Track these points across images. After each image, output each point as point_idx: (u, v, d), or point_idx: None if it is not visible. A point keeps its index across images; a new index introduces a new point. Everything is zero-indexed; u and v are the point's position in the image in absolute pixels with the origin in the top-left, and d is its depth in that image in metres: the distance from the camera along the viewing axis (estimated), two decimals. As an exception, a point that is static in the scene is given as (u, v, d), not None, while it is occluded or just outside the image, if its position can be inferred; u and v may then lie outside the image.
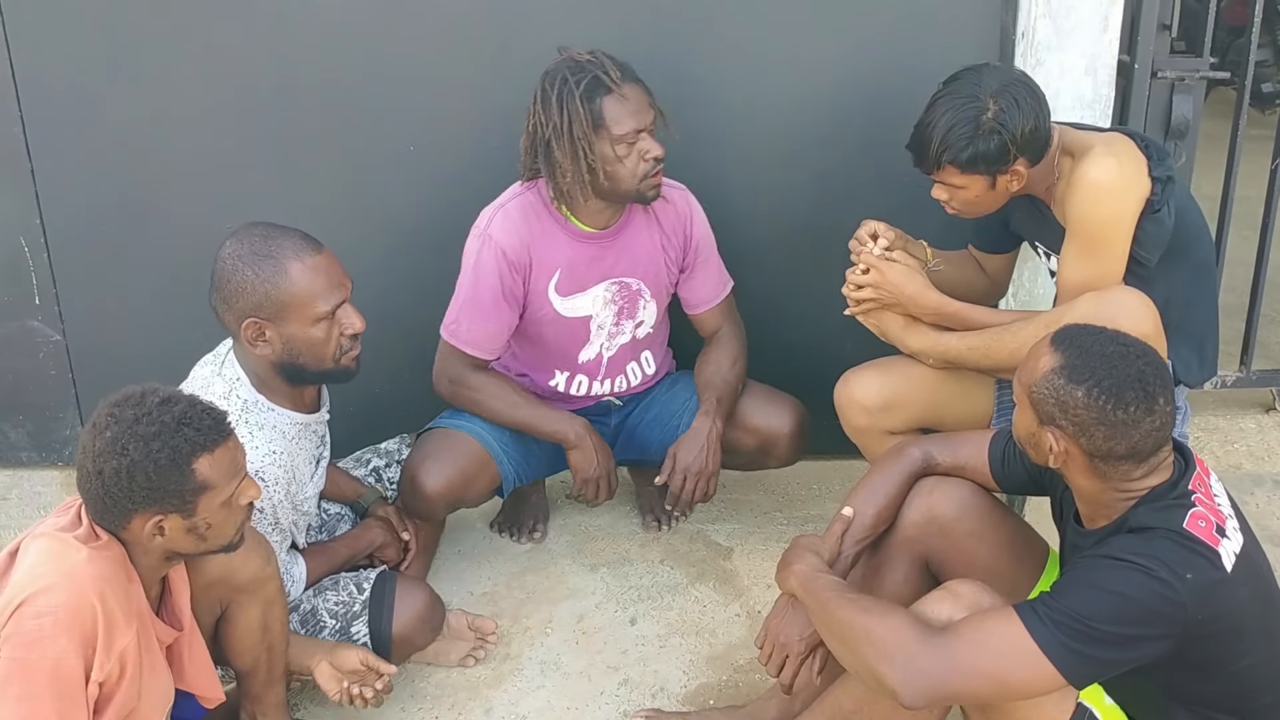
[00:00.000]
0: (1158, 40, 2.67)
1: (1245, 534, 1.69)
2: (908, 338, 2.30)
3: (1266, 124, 3.49)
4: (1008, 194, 2.19)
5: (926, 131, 2.14)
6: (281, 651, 2.11)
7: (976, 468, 2.05)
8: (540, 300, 2.52)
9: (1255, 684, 1.69)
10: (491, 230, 2.46)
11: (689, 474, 2.53)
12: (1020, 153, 2.11)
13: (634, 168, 2.37)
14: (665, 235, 2.58)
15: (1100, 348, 1.67)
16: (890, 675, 1.65)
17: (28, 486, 3.06)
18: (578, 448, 2.53)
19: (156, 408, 1.71)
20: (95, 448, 1.70)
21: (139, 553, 1.78)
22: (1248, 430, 3.13)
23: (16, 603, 1.65)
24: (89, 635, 1.66)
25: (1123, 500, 1.70)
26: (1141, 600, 1.58)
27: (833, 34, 2.71)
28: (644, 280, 2.58)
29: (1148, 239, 2.14)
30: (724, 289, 2.70)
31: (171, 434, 1.70)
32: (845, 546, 2.03)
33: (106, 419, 1.71)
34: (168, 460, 1.70)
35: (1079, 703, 1.72)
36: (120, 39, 2.69)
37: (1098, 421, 1.64)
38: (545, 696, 2.36)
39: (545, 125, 2.34)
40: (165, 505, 1.72)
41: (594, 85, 2.32)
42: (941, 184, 2.19)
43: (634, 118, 2.34)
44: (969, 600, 1.77)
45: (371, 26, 2.69)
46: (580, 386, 2.66)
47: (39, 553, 1.72)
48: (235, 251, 2.07)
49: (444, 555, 2.79)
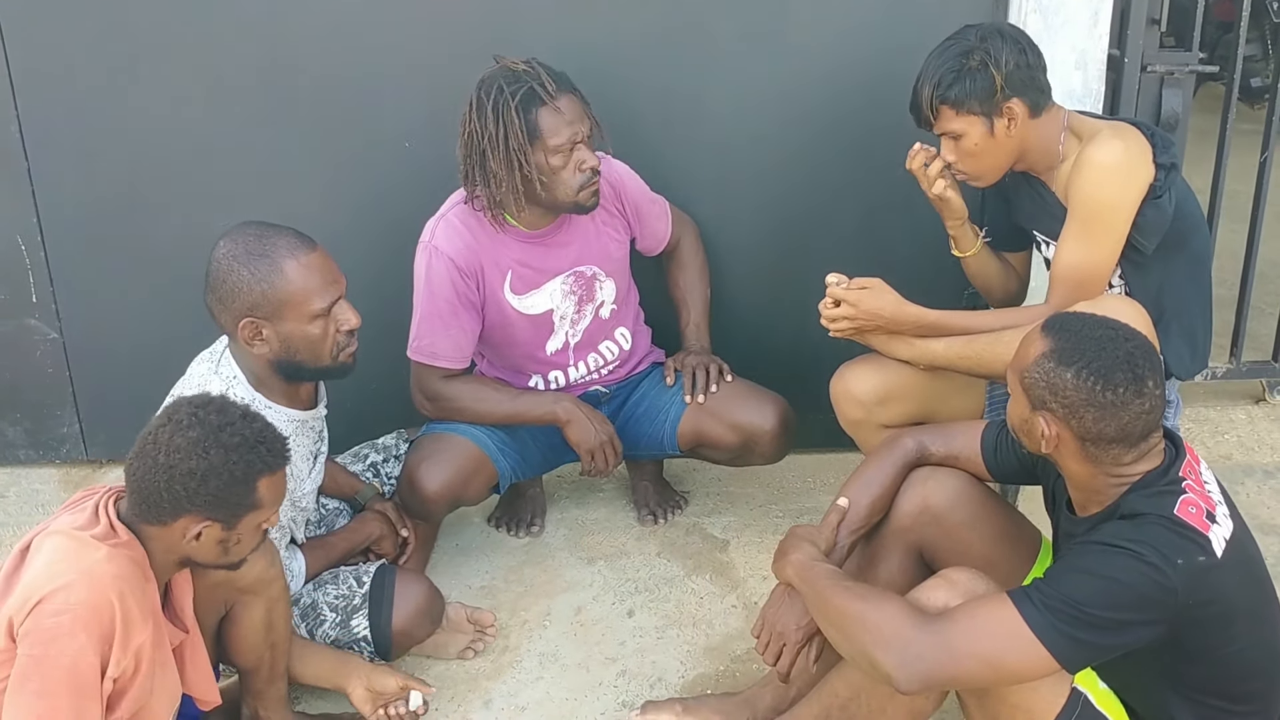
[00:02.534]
0: (1147, 35, 2.69)
1: (1235, 520, 1.71)
2: (893, 350, 2.32)
3: (1255, 118, 3.50)
4: (1011, 149, 2.19)
5: (919, 82, 2.19)
6: (284, 649, 2.12)
7: (969, 458, 2.07)
8: (498, 303, 2.53)
9: (1245, 668, 1.71)
10: (436, 241, 2.47)
11: (698, 366, 2.63)
12: (1010, 89, 2.13)
13: (570, 178, 2.39)
14: (606, 214, 2.60)
15: (1089, 331, 1.69)
16: (886, 661, 1.67)
17: (25, 484, 3.07)
18: (570, 421, 2.54)
19: (240, 420, 1.75)
20: (174, 443, 1.72)
21: (159, 550, 1.80)
22: (1238, 421, 3.15)
23: (35, 600, 1.66)
24: (106, 632, 1.68)
25: (1114, 486, 1.72)
26: (1133, 585, 1.60)
27: (821, 32, 2.72)
28: (596, 264, 2.60)
29: (1147, 225, 2.15)
30: (667, 215, 2.73)
31: (250, 449, 1.74)
32: (841, 536, 2.05)
33: (190, 418, 1.73)
34: (241, 473, 1.73)
35: (1074, 687, 1.74)
36: (116, 37, 2.70)
37: (1087, 403, 1.66)
38: (544, 688, 2.38)
39: (481, 135, 2.35)
40: (217, 513, 1.75)
41: (529, 97, 2.33)
42: (945, 136, 2.21)
43: (570, 129, 2.35)
44: (964, 587, 1.79)
45: (367, 24, 2.70)
46: (557, 381, 2.68)
47: (55, 550, 1.73)
48: (230, 251, 2.07)
49: (442, 549, 2.80)
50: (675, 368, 2.69)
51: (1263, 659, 1.73)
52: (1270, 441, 3.08)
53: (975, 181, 2.28)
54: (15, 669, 1.66)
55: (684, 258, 2.78)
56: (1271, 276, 3.22)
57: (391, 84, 2.74)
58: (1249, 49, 4.37)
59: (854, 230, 2.87)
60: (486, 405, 2.55)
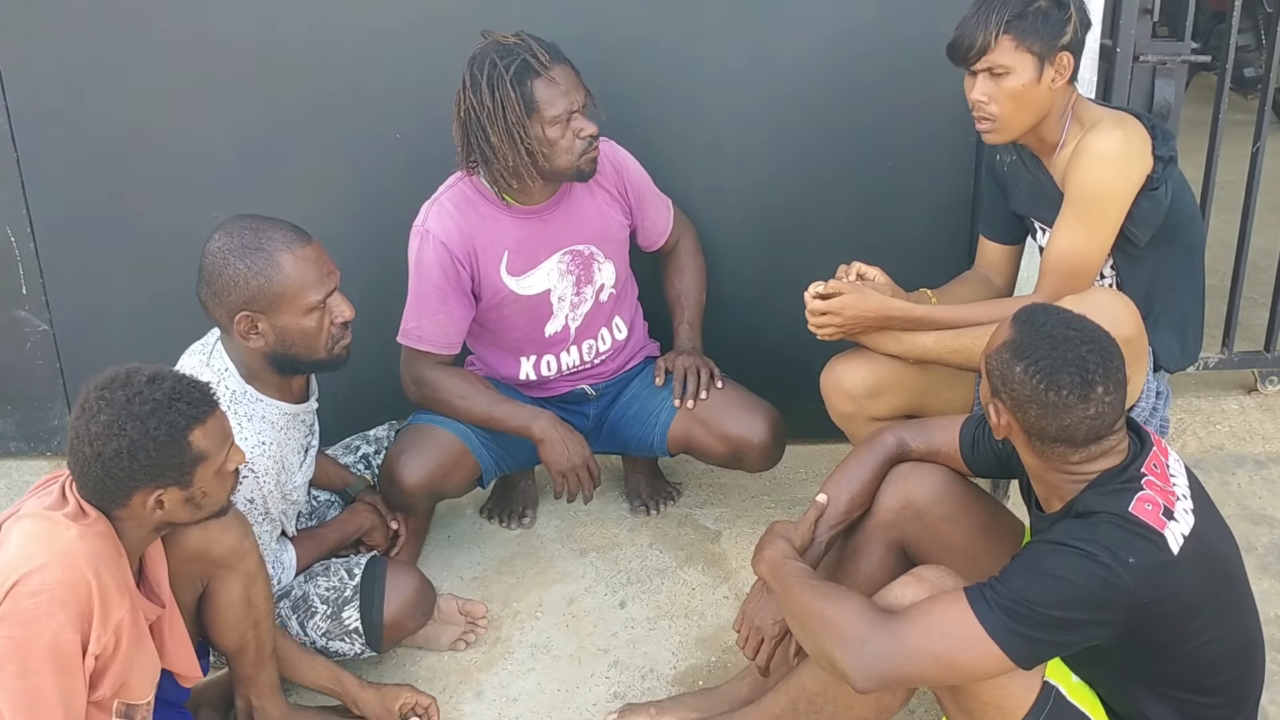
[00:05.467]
0: (1139, 24, 2.68)
1: (1199, 515, 1.69)
2: (882, 346, 2.31)
3: (1248, 108, 3.50)
4: (1042, 106, 2.13)
5: (978, 10, 2.10)
6: (269, 629, 2.11)
7: (949, 453, 2.07)
8: (494, 285, 2.52)
9: (1211, 661, 1.70)
10: (428, 225, 2.47)
11: (689, 368, 2.62)
12: (1080, 30, 2.09)
13: (570, 147, 2.38)
14: (607, 193, 2.60)
15: (1049, 329, 1.68)
16: (843, 659, 1.68)
17: (16, 476, 3.06)
18: (544, 441, 2.49)
19: (145, 386, 1.73)
20: (91, 432, 1.71)
21: (131, 527, 1.80)
22: (1230, 411, 3.15)
23: (11, 582, 1.66)
24: (85, 610, 1.68)
25: (1072, 483, 1.71)
26: (1084, 584, 1.60)
27: (819, 24, 2.72)
28: (594, 244, 2.59)
29: (1142, 216, 2.15)
30: (669, 210, 2.73)
31: (165, 410, 1.72)
32: (819, 532, 2.05)
33: (98, 402, 1.72)
34: (166, 436, 1.72)
35: (1045, 681, 1.74)
36: (105, 29, 2.69)
37: (1030, 400, 1.66)
38: (536, 679, 2.38)
39: (478, 111, 2.34)
40: (165, 479, 1.75)
41: (523, 69, 2.32)
42: (987, 74, 2.12)
43: (565, 99, 2.34)
44: (932, 585, 1.79)
45: (357, 15, 2.69)
46: (549, 366, 2.66)
47: (27, 533, 1.73)
48: (224, 245, 2.07)
49: (434, 541, 2.80)
50: (666, 368, 2.67)
51: (1229, 652, 1.73)
52: (1262, 432, 3.08)
53: (993, 132, 2.19)
54: None
55: (682, 260, 2.76)
56: (1263, 266, 3.22)
57: (381, 75, 2.73)
58: (1242, 39, 4.38)
59: (848, 218, 2.86)
60: (467, 403, 2.52)
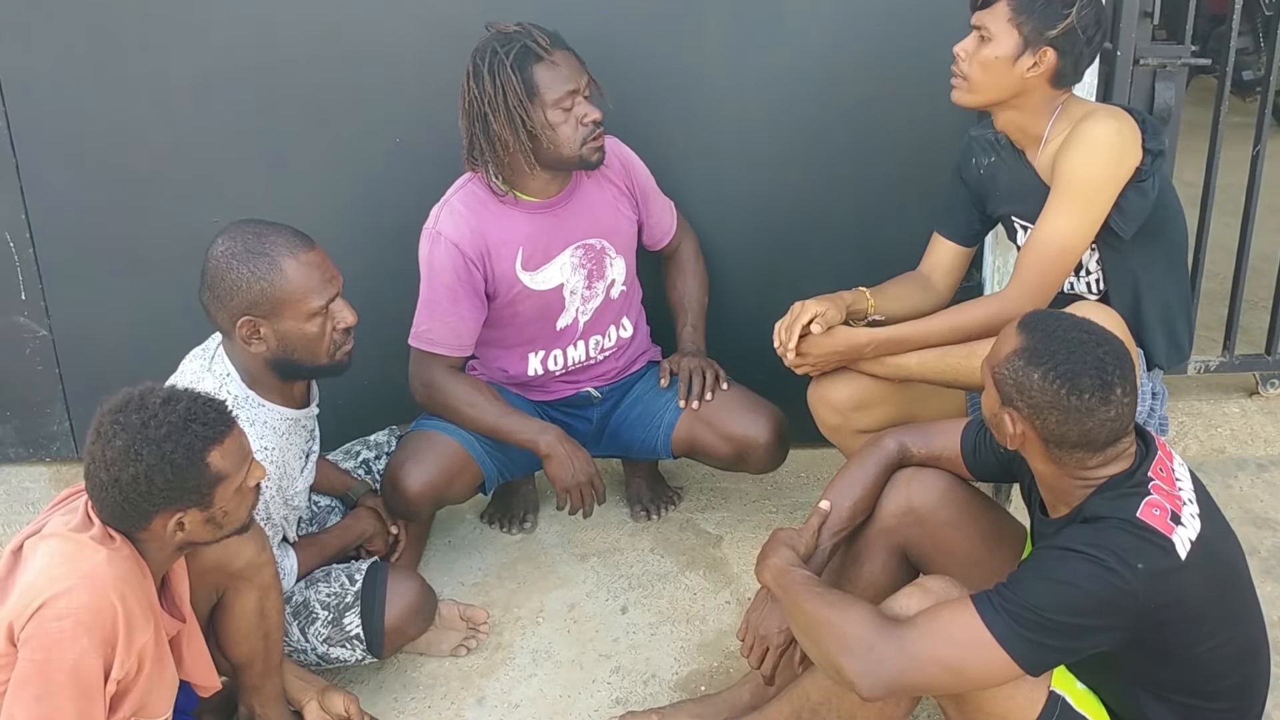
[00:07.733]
0: (1139, 27, 2.69)
1: (1205, 519, 1.68)
2: (864, 370, 2.32)
3: (1247, 111, 3.51)
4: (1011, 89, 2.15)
5: None
6: (278, 640, 2.12)
7: (950, 457, 2.07)
8: (509, 282, 2.51)
9: (1217, 666, 1.70)
10: (440, 227, 2.46)
11: (695, 369, 2.62)
12: (1060, 41, 2.09)
13: (573, 132, 2.37)
14: (615, 187, 2.60)
15: (1063, 333, 1.68)
16: (849, 667, 1.67)
17: (15, 482, 3.06)
18: (551, 457, 2.48)
19: (160, 409, 1.71)
20: (107, 457, 1.69)
21: (154, 549, 1.79)
22: (1231, 415, 3.15)
23: (37, 604, 1.65)
24: (109, 635, 1.67)
25: (1081, 488, 1.71)
26: (1092, 590, 1.59)
27: (818, 24, 2.71)
28: (606, 238, 2.59)
29: (1129, 208, 2.15)
30: (672, 211, 2.74)
31: (181, 432, 1.70)
32: (822, 539, 2.04)
33: (113, 427, 1.70)
34: (183, 459, 1.70)
35: (1051, 690, 1.73)
36: (104, 32, 2.68)
37: (1051, 405, 1.65)
38: (537, 685, 2.37)
39: (480, 99, 2.34)
40: (184, 502, 1.73)
41: (524, 54, 2.32)
42: (977, 32, 2.16)
43: (567, 82, 2.34)
44: (937, 596, 1.78)
45: (358, 19, 2.68)
46: (556, 361, 2.65)
47: (53, 554, 1.72)
48: (228, 250, 2.06)
49: (435, 546, 2.80)
50: (671, 370, 2.67)
51: (1235, 657, 1.72)
52: (1263, 435, 3.08)
53: (962, 92, 2.20)
54: (16, 673, 1.65)
55: (684, 263, 2.77)
56: (1264, 270, 3.22)
57: (381, 79, 2.72)
58: (1241, 41, 4.38)
59: (848, 227, 2.86)
60: (475, 411, 2.51)
